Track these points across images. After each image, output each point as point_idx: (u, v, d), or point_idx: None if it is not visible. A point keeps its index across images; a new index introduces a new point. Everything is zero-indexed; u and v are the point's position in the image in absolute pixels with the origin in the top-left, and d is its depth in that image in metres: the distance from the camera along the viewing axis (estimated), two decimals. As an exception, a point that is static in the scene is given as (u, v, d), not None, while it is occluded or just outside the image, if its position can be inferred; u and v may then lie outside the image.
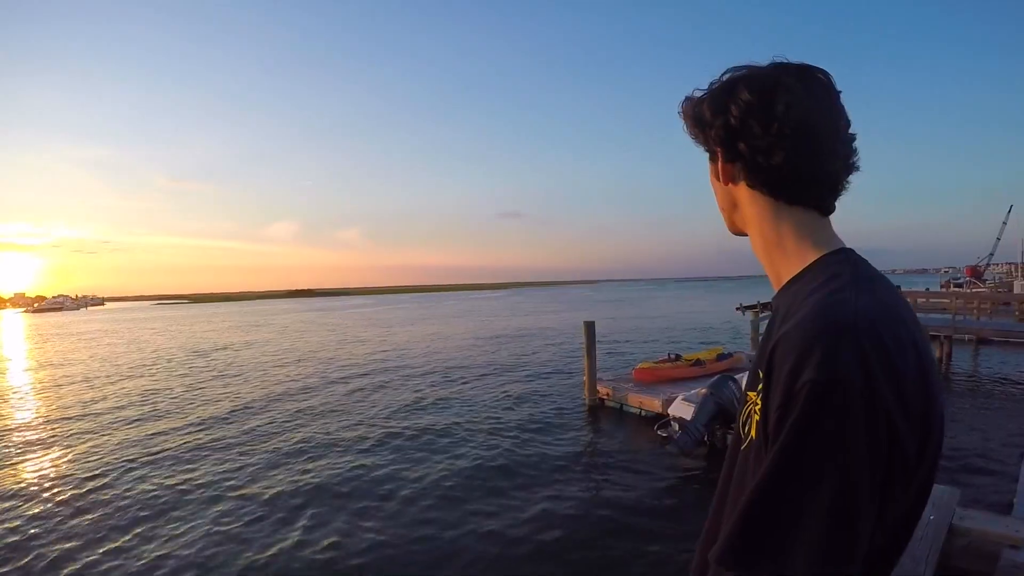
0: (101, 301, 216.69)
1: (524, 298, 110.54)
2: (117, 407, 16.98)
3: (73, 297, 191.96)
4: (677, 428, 10.69)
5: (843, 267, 0.89)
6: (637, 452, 10.88)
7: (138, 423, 14.74)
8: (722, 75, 0.96)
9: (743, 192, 0.99)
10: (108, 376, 24.09)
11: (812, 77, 0.92)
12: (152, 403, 17.38)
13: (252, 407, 16.13)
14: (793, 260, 0.96)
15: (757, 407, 0.86)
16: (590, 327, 14.79)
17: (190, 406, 16.72)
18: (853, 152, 0.93)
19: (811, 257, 0.94)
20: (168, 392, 19.25)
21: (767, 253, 1.00)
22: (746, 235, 1.05)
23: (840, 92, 0.93)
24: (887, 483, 0.76)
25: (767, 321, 0.98)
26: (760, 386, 0.85)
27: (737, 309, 16.03)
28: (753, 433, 0.87)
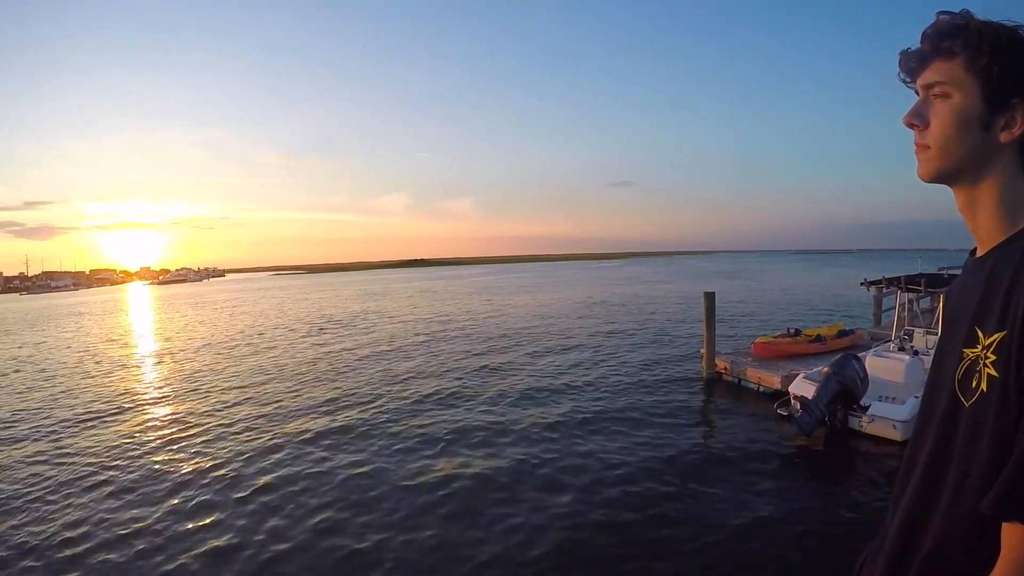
0: (222, 273, 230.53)
1: (641, 268, 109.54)
2: (297, 367, 20.00)
3: (195, 270, 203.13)
4: (798, 407, 10.34)
5: None
6: (754, 429, 10.81)
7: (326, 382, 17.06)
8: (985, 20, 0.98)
9: (1010, 141, 0.98)
10: (270, 339, 27.49)
11: None
12: (326, 363, 20.13)
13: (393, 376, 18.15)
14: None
15: (989, 360, 0.89)
16: (710, 298, 14.57)
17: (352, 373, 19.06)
18: None
19: None
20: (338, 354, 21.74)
21: (1003, 204, 1.01)
22: (949, 184, 1.06)
23: None
24: None
25: (979, 277, 1.02)
26: (995, 338, 0.90)
27: (862, 284, 15.61)
28: (985, 387, 0.90)
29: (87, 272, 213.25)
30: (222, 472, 9.52)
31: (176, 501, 8.49)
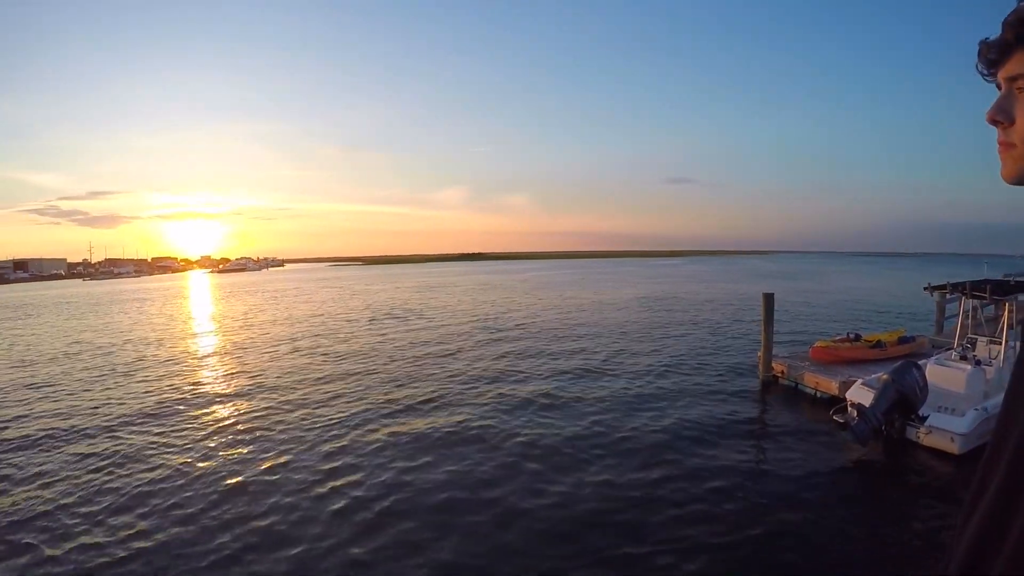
0: (281, 263, 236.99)
1: (700, 267, 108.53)
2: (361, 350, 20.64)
3: (254, 259, 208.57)
4: (854, 415, 10.17)
5: None
6: (808, 436, 10.71)
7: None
8: None
9: None
10: (336, 327, 28.52)
11: None
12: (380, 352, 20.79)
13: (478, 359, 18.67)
14: None
15: None
16: (769, 299, 14.51)
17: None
18: None
19: None
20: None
21: None
22: None
23: None
24: None
25: None
26: None
27: (925, 289, 15.26)
28: None
29: (149, 260, 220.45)
30: (282, 450, 10.08)
31: (234, 481, 9.13)
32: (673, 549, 6.90)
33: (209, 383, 16.21)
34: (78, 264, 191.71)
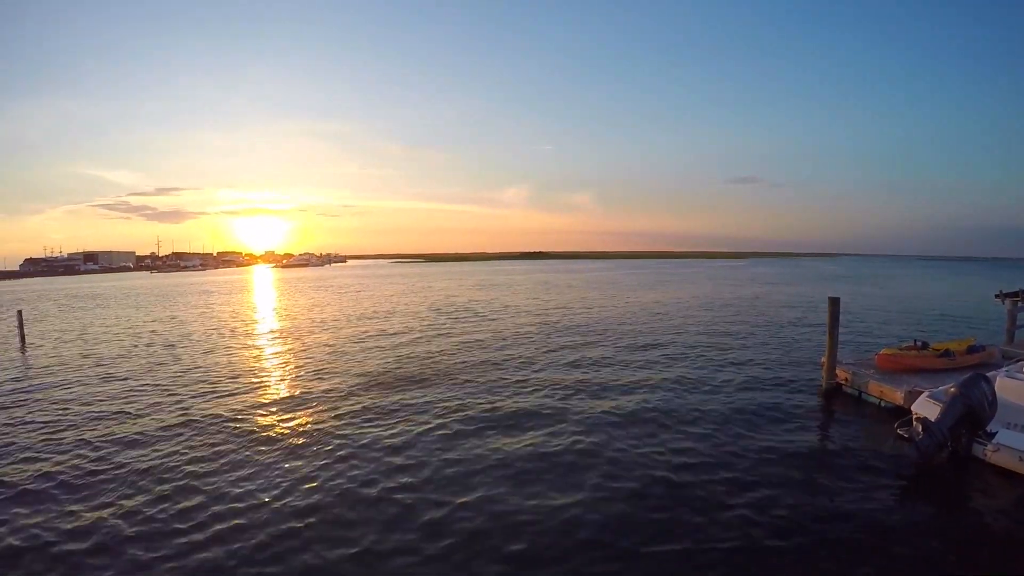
0: (343, 259, 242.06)
1: (764, 269, 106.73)
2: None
3: (317, 255, 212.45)
4: (919, 429, 9.71)
5: None
6: (870, 448, 10.50)
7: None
8: None
9: None
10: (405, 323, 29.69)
11: None
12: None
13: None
14: None
15: None
16: (835, 304, 14.13)
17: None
18: None
19: None
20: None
21: None
22: None
23: None
24: None
25: None
26: None
27: (996, 296, 14.75)
28: None
29: (214, 254, 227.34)
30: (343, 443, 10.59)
31: (302, 470, 9.60)
32: (719, 556, 7.01)
33: (263, 377, 16.85)
34: (146, 257, 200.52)
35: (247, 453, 10.61)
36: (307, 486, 9.14)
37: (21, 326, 26.08)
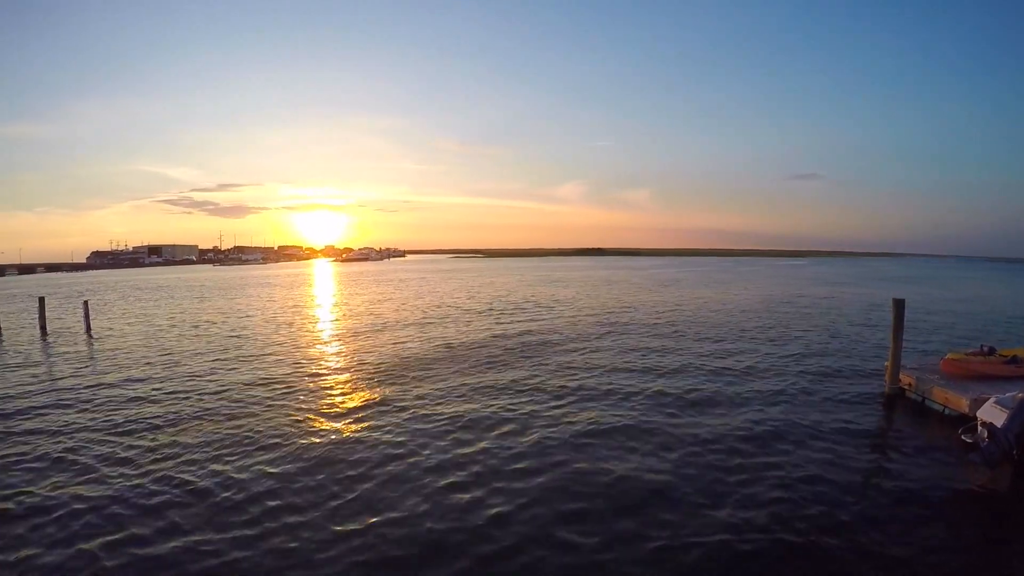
0: (402, 253, 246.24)
1: (826, 269, 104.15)
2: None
3: (376, 249, 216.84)
4: (984, 436, 9.40)
5: None
6: (933, 456, 10.25)
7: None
8: None
9: None
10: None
11: None
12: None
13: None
14: None
15: None
16: (899, 306, 13.89)
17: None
18: None
19: None
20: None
21: None
22: None
23: None
24: None
25: None
26: None
27: None
28: None
29: (275, 248, 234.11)
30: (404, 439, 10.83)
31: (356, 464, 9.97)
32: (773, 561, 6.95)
33: (325, 368, 17.27)
34: (208, 251, 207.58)
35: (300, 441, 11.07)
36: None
37: (87, 316, 27.80)
